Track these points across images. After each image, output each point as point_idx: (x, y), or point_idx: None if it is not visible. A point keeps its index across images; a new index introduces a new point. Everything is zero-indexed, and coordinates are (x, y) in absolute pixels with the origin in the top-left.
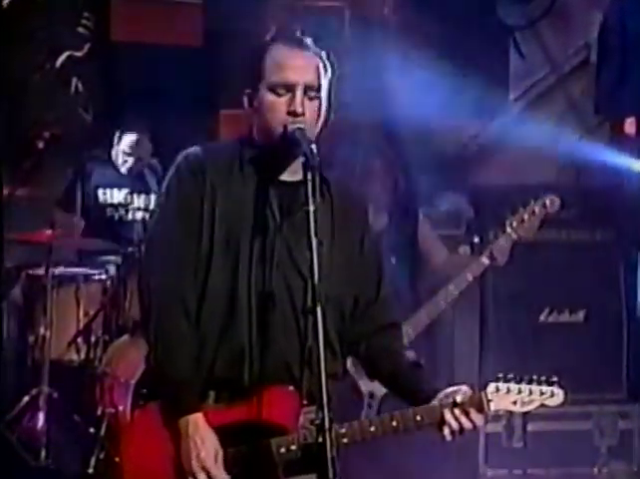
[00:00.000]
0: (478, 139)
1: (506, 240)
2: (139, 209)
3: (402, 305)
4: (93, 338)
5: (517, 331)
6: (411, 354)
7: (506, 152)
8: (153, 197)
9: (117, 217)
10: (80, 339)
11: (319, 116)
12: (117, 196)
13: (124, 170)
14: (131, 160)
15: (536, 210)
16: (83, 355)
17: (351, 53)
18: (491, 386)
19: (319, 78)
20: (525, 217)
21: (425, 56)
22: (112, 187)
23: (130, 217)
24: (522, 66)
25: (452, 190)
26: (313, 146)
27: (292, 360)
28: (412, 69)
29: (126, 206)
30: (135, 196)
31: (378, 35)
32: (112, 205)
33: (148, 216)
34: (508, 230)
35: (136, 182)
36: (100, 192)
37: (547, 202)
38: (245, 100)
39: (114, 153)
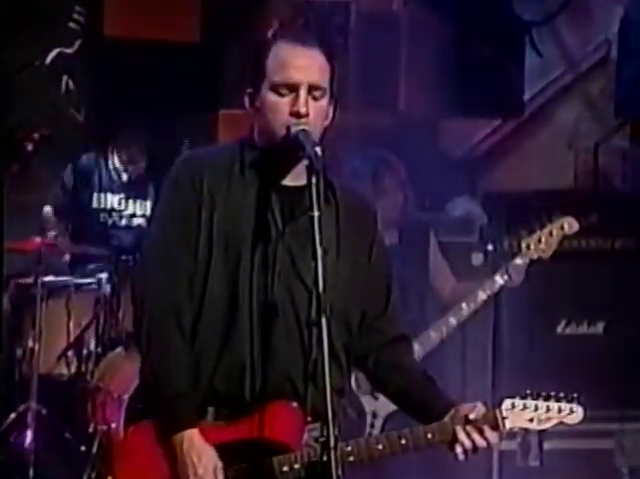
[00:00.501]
0: (490, 140)
1: (522, 260)
2: (133, 215)
3: (411, 322)
4: (84, 351)
5: (533, 344)
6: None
7: (521, 154)
8: (149, 203)
9: (110, 222)
10: (70, 352)
11: (324, 117)
12: (110, 200)
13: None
14: (125, 175)
15: (554, 232)
16: (74, 369)
17: (357, 50)
18: (507, 403)
19: (324, 77)
20: (543, 238)
21: (435, 53)
22: (106, 191)
23: (123, 223)
24: (539, 63)
25: (463, 195)
26: (318, 148)
27: (296, 374)
28: (421, 66)
29: (120, 211)
30: (130, 201)
31: (386, 31)
32: (105, 209)
33: (144, 222)
34: (524, 250)
35: (132, 187)
36: (94, 196)
37: (565, 224)
38: (246, 100)
39: (110, 162)
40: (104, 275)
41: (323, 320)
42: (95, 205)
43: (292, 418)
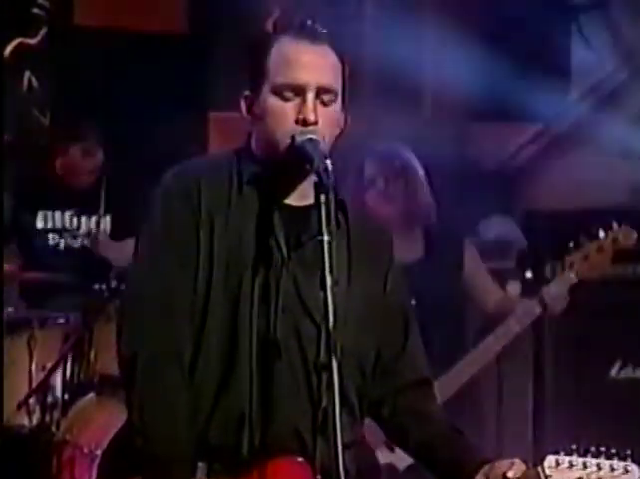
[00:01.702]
0: (530, 148)
1: (563, 285)
2: (89, 234)
3: (435, 358)
4: (49, 399)
5: (582, 390)
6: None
7: (566, 165)
8: (108, 218)
9: (62, 245)
10: (33, 400)
11: (335, 124)
12: (59, 218)
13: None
14: (81, 177)
15: (605, 245)
16: (36, 420)
17: (373, 41)
18: (550, 459)
19: (335, 78)
20: (591, 254)
21: (465, 43)
22: (54, 207)
23: (77, 244)
24: (588, 56)
25: (498, 213)
26: (328, 161)
27: (302, 425)
28: (448, 60)
29: (72, 230)
30: (83, 217)
31: (407, 18)
32: (54, 229)
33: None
34: (567, 270)
35: (85, 199)
36: (39, 214)
37: (620, 235)
38: (243, 104)
39: (57, 165)
40: (72, 309)
41: (334, 362)
42: (40, 224)
43: (298, 476)
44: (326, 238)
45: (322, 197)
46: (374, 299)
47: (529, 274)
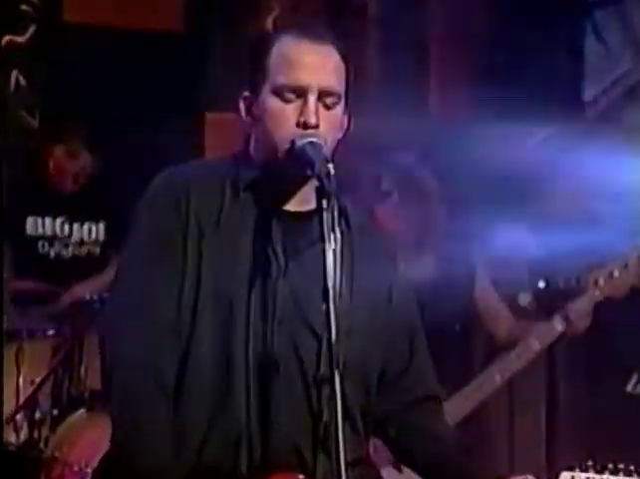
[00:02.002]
0: (540, 152)
1: (588, 301)
2: (81, 242)
3: (445, 377)
4: (37, 414)
5: (597, 405)
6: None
7: (579, 169)
8: (102, 225)
9: (52, 253)
10: (20, 416)
11: (337, 129)
12: (50, 225)
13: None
14: (67, 180)
15: (631, 262)
16: (24, 436)
17: (377, 38)
18: (565, 476)
19: (338, 80)
20: (616, 272)
21: (474, 40)
22: (44, 213)
23: (69, 253)
24: (603, 54)
25: (508, 218)
26: (330, 166)
27: (303, 442)
28: (456, 57)
29: (63, 238)
30: (75, 225)
31: (413, 14)
32: (44, 237)
33: (97, 250)
34: (591, 287)
35: (77, 205)
36: (28, 220)
37: None
38: (242, 105)
39: (47, 168)
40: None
41: (336, 375)
42: (30, 231)
43: None
44: (328, 246)
45: (324, 203)
46: (378, 311)
47: (541, 284)
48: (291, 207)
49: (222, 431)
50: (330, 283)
